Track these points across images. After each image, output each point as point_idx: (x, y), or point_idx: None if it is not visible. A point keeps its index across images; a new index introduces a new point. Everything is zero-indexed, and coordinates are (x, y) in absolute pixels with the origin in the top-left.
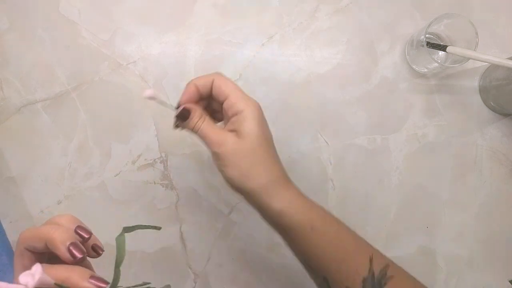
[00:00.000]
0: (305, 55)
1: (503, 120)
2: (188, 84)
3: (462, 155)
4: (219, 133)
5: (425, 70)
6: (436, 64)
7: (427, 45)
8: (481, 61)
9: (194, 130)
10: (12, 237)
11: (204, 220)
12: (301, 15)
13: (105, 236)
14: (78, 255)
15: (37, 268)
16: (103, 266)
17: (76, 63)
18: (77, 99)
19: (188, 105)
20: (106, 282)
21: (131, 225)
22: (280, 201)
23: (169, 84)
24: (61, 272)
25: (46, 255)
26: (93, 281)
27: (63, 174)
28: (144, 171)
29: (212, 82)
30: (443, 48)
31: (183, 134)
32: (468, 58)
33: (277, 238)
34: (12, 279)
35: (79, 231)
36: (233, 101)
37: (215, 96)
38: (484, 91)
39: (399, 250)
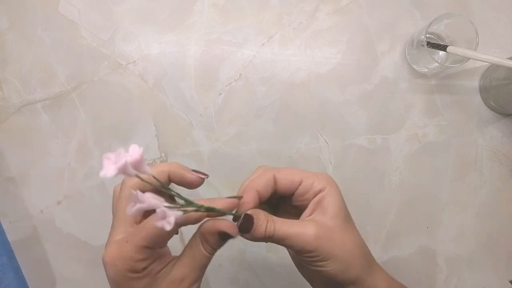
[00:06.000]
0: (305, 55)
1: (503, 120)
2: (247, 190)
3: (462, 155)
4: (301, 225)
5: (425, 70)
6: (436, 64)
7: (427, 45)
8: (482, 61)
9: (266, 237)
10: (12, 237)
11: None
12: (301, 15)
13: (105, 236)
14: (204, 176)
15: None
16: None
17: (76, 63)
18: (76, 99)
19: (250, 211)
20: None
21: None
22: (380, 280)
23: (169, 84)
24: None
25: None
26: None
27: (62, 174)
28: None
29: (274, 178)
30: (443, 48)
31: (182, 134)
32: (469, 58)
33: None
34: (12, 279)
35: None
36: (310, 182)
37: (283, 190)
38: (484, 91)
39: (399, 250)
